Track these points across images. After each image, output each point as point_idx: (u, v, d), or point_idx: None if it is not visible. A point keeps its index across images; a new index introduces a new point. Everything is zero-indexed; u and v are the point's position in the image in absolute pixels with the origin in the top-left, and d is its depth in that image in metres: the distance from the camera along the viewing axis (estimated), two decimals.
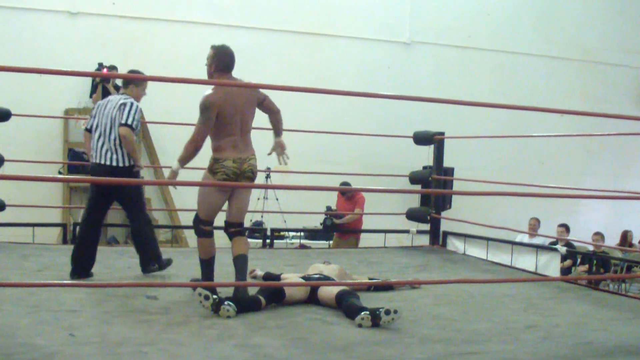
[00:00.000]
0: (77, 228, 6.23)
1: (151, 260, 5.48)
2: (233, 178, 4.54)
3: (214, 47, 4.59)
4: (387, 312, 4.08)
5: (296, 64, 10.52)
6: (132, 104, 5.41)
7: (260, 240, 8.21)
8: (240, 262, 4.63)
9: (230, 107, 4.45)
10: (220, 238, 4.86)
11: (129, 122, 5.34)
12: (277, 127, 4.82)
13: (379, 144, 10.21)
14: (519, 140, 10.84)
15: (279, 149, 4.78)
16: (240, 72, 4.63)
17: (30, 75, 8.24)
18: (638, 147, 12.65)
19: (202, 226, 4.70)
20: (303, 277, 4.89)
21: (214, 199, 4.67)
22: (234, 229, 4.75)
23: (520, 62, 12.00)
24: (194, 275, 5.43)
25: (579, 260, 8.57)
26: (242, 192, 4.72)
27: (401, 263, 6.51)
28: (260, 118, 4.71)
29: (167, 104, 9.49)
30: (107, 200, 5.48)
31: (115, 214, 9.67)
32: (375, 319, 4.08)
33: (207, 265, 4.75)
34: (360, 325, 4.09)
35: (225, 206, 4.79)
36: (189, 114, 9.12)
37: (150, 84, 5.61)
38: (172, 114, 9.05)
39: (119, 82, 9.56)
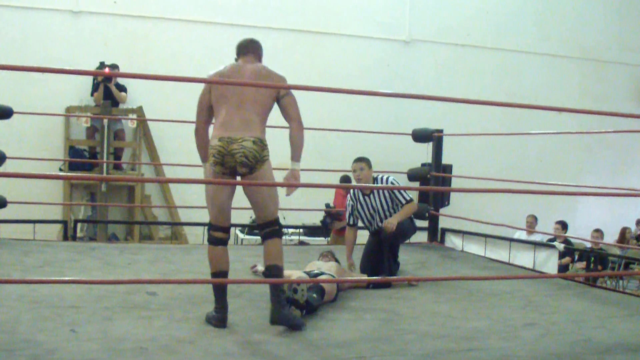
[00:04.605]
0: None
1: None
2: (219, 160, 3.83)
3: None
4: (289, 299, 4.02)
5: (296, 62, 10.51)
6: None
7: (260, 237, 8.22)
8: (270, 276, 3.95)
9: (224, 87, 3.93)
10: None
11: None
12: (292, 149, 4.04)
13: (378, 142, 10.22)
14: (517, 138, 10.86)
15: (292, 179, 4.01)
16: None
17: (32, 73, 8.27)
18: (636, 145, 12.68)
19: (211, 231, 4.01)
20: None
21: (212, 194, 3.95)
22: (262, 229, 4.04)
23: (519, 60, 12.01)
24: (195, 271, 5.47)
25: (576, 257, 8.62)
26: (252, 180, 3.90)
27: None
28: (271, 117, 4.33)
29: (167, 101, 9.52)
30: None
31: (115, 211, 9.71)
32: (299, 305, 4.08)
33: (215, 279, 4.00)
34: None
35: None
36: (189, 112, 9.24)
37: (151, 82, 5.62)
38: (172, 112, 9.07)
39: (120, 81, 9.60)
